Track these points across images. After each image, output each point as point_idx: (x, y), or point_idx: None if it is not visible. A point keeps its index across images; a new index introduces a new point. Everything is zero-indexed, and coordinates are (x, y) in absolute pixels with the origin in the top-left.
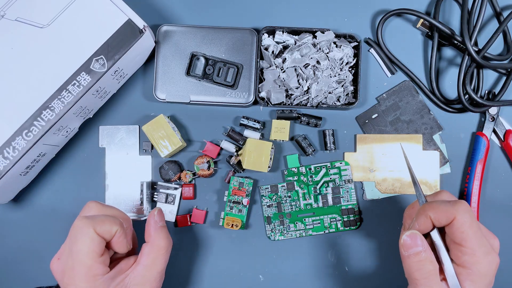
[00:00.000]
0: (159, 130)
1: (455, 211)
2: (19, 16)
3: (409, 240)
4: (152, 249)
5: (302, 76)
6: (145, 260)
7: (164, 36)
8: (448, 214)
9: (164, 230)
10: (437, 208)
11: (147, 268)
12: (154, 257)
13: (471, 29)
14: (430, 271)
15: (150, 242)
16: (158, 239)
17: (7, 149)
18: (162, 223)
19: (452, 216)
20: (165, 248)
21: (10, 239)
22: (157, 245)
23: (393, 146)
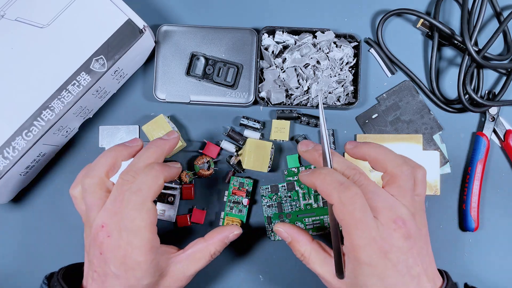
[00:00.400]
0: (159, 130)
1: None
2: (19, 16)
3: (278, 233)
4: (204, 248)
5: (302, 76)
6: (192, 252)
7: (164, 36)
8: (330, 196)
9: (224, 246)
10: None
11: (190, 260)
12: (201, 256)
13: (471, 29)
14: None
15: (207, 242)
16: (214, 246)
17: (7, 149)
18: (228, 242)
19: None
20: (213, 255)
21: (10, 239)
22: (208, 249)
23: (393, 146)
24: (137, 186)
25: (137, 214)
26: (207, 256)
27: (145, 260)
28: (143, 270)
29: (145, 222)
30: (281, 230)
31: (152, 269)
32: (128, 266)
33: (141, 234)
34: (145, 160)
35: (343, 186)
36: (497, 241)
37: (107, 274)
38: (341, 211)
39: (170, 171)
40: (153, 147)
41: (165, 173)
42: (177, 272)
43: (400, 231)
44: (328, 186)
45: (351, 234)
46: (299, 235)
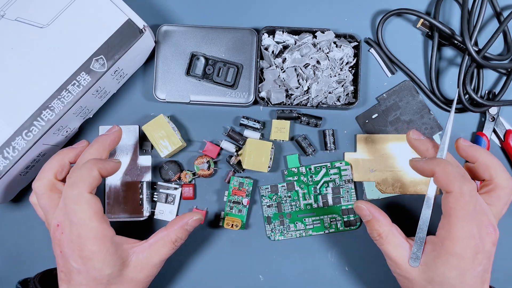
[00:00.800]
0: (159, 130)
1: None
2: (19, 16)
3: (358, 210)
4: (165, 236)
5: (302, 76)
6: (154, 241)
7: (164, 36)
8: (451, 184)
9: (185, 232)
10: (445, 171)
11: (152, 249)
12: (163, 244)
13: (471, 29)
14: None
15: (167, 230)
16: (175, 232)
17: (7, 149)
18: (189, 228)
19: (450, 189)
20: (175, 242)
21: (10, 239)
22: (169, 236)
23: (393, 146)
24: (73, 180)
25: (77, 207)
26: (169, 243)
27: (99, 249)
28: (100, 260)
29: (87, 213)
30: (363, 207)
31: (110, 257)
32: (85, 258)
33: (87, 225)
34: (87, 157)
35: (465, 178)
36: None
37: (71, 271)
38: (457, 200)
39: (105, 163)
40: (95, 144)
41: (99, 165)
42: (140, 262)
43: (491, 237)
44: (450, 175)
45: (455, 224)
46: (380, 214)
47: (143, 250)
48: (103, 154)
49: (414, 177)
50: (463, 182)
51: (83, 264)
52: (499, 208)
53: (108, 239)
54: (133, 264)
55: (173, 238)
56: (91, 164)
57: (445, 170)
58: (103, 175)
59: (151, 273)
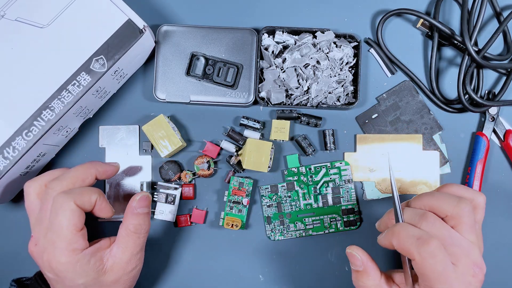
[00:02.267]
0: (159, 130)
1: (418, 256)
2: (19, 16)
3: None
4: (124, 230)
5: (302, 76)
6: (118, 240)
7: (164, 36)
8: (407, 251)
9: (139, 216)
10: (401, 240)
11: (121, 249)
12: (127, 240)
13: (471, 29)
14: None
15: (123, 225)
16: (129, 223)
17: (7, 149)
18: (141, 210)
19: (410, 255)
20: (136, 231)
21: (10, 239)
22: (127, 228)
23: (393, 146)
24: (69, 190)
25: (61, 211)
26: (131, 235)
27: (68, 261)
28: (70, 271)
29: (66, 222)
30: (356, 256)
31: (81, 269)
32: (56, 269)
33: (62, 235)
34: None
35: (421, 241)
36: (497, 241)
37: (50, 279)
38: (422, 266)
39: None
40: (88, 164)
41: (98, 168)
42: (115, 264)
43: (477, 277)
44: (405, 243)
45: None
46: (372, 267)
47: (114, 252)
48: (88, 176)
49: (414, 177)
50: (420, 246)
51: (56, 275)
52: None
53: (78, 252)
54: (109, 268)
55: (132, 228)
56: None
57: (399, 239)
58: (99, 177)
59: (129, 269)
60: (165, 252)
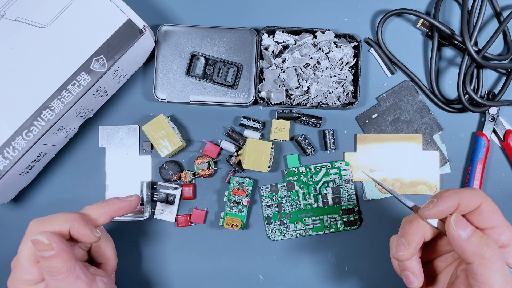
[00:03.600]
0: (159, 130)
1: (480, 196)
2: (19, 16)
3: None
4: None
5: (302, 76)
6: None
7: (164, 36)
8: (475, 200)
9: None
10: (466, 193)
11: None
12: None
13: (471, 29)
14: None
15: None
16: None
17: (7, 149)
18: (41, 254)
19: (479, 201)
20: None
21: (10, 239)
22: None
23: (393, 146)
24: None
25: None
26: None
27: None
28: None
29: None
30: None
31: None
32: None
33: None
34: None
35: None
36: None
37: None
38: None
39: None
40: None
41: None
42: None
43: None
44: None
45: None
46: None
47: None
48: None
49: (414, 177)
50: (481, 192)
51: None
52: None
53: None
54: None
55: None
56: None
57: (464, 192)
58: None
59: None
60: (165, 252)
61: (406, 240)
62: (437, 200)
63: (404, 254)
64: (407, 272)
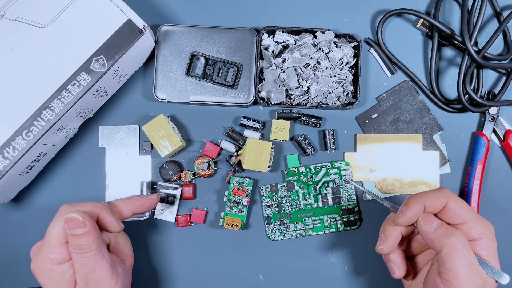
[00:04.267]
0: (159, 130)
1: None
2: (19, 16)
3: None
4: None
5: (302, 76)
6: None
7: (164, 36)
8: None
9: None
10: (431, 195)
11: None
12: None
13: (471, 29)
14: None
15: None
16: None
17: (7, 149)
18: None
19: (444, 200)
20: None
21: (10, 239)
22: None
23: (393, 146)
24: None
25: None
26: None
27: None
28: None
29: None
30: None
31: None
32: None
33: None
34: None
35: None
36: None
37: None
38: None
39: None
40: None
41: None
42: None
43: None
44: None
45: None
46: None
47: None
48: (125, 211)
49: (414, 177)
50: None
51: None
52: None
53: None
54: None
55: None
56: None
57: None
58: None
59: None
60: (165, 252)
61: (384, 236)
62: (404, 208)
63: (382, 248)
64: (390, 263)
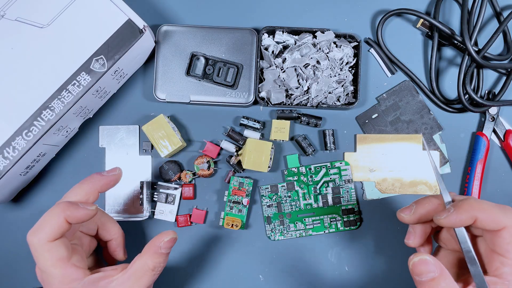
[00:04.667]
0: (159, 130)
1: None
2: (19, 16)
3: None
4: (143, 265)
5: (302, 76)
6: (132, 272)
7: (164, 36)
8: (498, 220)
9: (161, 256)
10: (488, 211)
11: (131, 281)
12: (142, 273)
13: (471, 29)
14: None
15: (143, 258)
16: (151, 259)
17: (7, 149)
18: (165, 251)
19: (502, 224)
20: (154, 269)
21: (10, 239)
22: (146, 264)
23: (393, 146)
24: (36, 226)
25: (37, 254)
26: (148, 272)
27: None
28: None
29: (48, 261)
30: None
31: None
32: None
33: (51, 273)
34: (71, 196)
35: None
36: None
37: None
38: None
39: (74, 211)
40: (85, 182)
41: (66, 212)
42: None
43: None
44: (493, 212)
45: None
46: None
47: (121, 284)
48: (90, 196)
49: (414, 177)
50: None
51: None
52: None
53: (76, 283)
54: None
55: (151, 266)
56: (59, 210)
57: (485, 210)
58: (71, 222)
59: None
60: None
61: (416, 207)
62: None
63: (405, 217)
64: (410, 228)
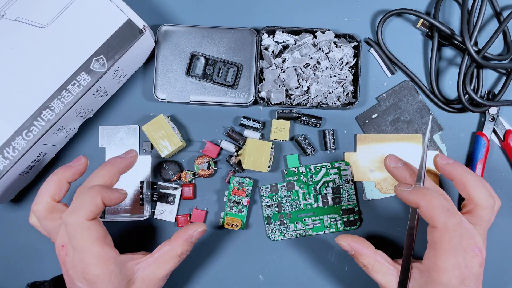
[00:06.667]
0: (159, 130)
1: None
2: (19, 16)
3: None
4: (171, 250)
5: (302, 76)
6: (159, 256)
7: (164, 36)
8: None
9: (190, 245)
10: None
11: (158, 263)
12: (169, 258)
13: (471, 29)
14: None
15: (172, 244)
16: (180, 246)
17: (7, 149)
18: (195, 240)
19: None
20: (180, 255)
21: (10, 239)
22: (174, 250)
23: (393, 146)
24: (74, 206)
25: (77, 234)
26: (175, 257)
27: (103, 273)
28: (104, 282)
29: (87, 240)
30: (343, 243)
31: (115, 279)
32: (90, 281)
33: (89, 252)
34: (97, 180)
35: (450, 213)
36: (497, 241)
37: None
38: (442, 235)
39: (110, 193)
40: (107, 166)
41: (103, 194)
42: (146, 277)
43: (477, 259)
44: (435, 209)
45: (440, 257)
46: (362, 248)
47: (148, 265)
48: (113, 178)
49: None
50: (448, 217)
51: (88, 285)
52: (483, 227)
53: (112, 262)
54: (139, 280)
55: (178, 252)
56: (95, 192)
57: (430, 204)
58: (106, 204)
59: (157, 286)
60: None
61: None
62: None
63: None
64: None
